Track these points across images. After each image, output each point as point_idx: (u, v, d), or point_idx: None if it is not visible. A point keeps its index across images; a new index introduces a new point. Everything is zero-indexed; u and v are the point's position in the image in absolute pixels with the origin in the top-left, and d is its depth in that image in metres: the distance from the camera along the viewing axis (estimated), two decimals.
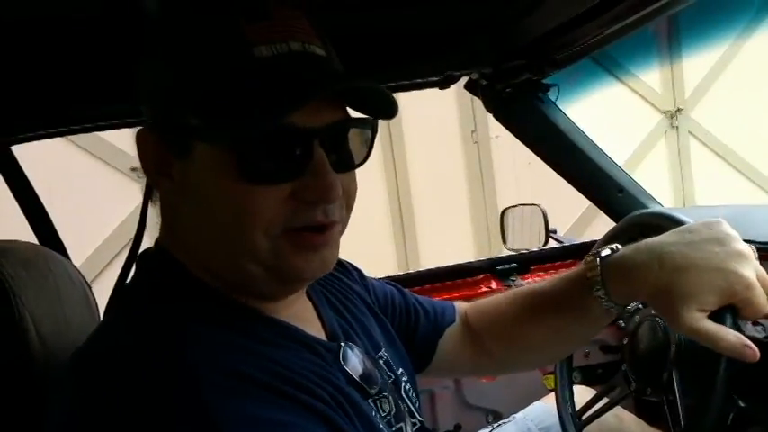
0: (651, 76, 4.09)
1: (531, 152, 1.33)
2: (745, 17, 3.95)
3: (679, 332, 0.58)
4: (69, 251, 1.10)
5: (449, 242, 3.79)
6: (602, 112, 3.69)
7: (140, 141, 0.52)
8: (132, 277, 0.56)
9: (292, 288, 0.56)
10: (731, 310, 0.57)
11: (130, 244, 0.59)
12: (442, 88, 1.22)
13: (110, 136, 3.22)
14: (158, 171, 0.52)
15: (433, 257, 3.64)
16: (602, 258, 0.65)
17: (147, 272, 0.56)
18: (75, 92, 0.93)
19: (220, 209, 0.50)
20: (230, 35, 0.49)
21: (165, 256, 0.56)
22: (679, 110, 4.20)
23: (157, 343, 0.47)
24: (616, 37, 0.96)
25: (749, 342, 0.54)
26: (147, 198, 0.58)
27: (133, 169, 3.42)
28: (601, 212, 1.40)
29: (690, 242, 0.60)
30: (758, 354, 0.54)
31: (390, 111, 0.54)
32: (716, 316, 0.57)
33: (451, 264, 1.41)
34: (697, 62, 4.13)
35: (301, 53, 0.50)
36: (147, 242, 0.60)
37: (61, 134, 1.10)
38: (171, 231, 0.56)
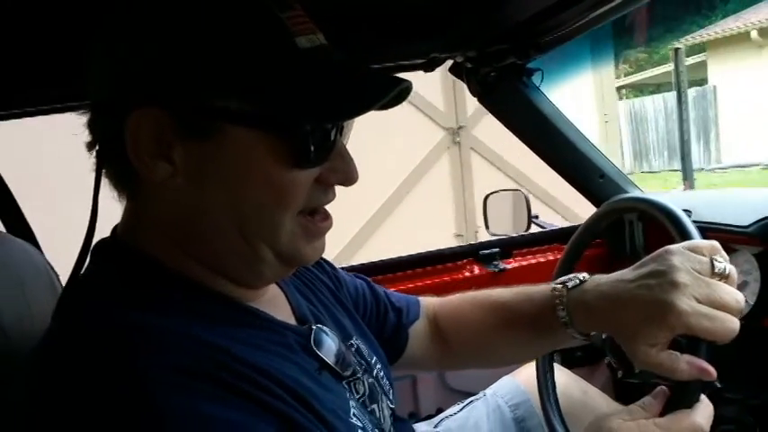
0: (435, 96, 4.33)
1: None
2: None
3: (638, 367, 0.59)
4: None
5: None
6: (388, 127, 3.76)
7: (137, 122, 0.48)
8: (87, 268, 0.54)
9: (289, 271, 0.58)
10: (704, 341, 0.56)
11: None
12: (426, 71, 1.20)
13: None
14: (154, 154, 0.49)
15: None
16: (569, 290, 0.68)
17: (105, 262, 0.54)
18: (21, 74, 0.87)
19: (253, 191, 0.50)
20: (269, 22, 0.49)
21: (126, 246, 0.54)
22: (461, 127, 4.56)
23: (107, 338, 0.45)
24: (599, 21, 0.96)
25: (703, 364, 0.54)
26: (98, 186, 0.54)
27: None
28: None
29: (636, 277, 0.60)
30: (714, 373, 0.54)
31: (399, 102, 0.55)
32: (691, 346, 0.56)
33: (433, 249, 1.41)
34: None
35: (327, 47, 0.52)
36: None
37: (17, 116, 1.05)
38: (140, 218, 0.54)
